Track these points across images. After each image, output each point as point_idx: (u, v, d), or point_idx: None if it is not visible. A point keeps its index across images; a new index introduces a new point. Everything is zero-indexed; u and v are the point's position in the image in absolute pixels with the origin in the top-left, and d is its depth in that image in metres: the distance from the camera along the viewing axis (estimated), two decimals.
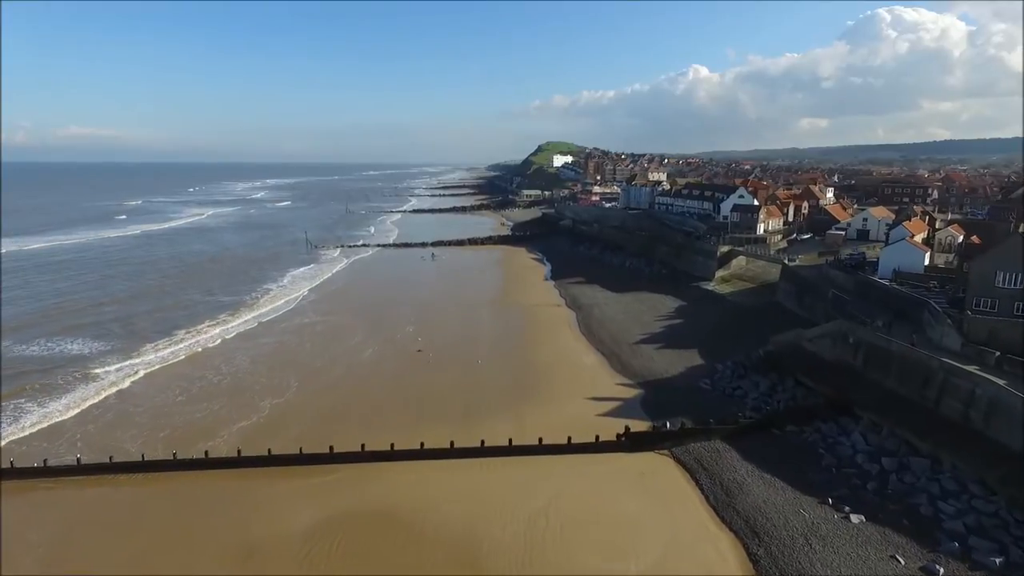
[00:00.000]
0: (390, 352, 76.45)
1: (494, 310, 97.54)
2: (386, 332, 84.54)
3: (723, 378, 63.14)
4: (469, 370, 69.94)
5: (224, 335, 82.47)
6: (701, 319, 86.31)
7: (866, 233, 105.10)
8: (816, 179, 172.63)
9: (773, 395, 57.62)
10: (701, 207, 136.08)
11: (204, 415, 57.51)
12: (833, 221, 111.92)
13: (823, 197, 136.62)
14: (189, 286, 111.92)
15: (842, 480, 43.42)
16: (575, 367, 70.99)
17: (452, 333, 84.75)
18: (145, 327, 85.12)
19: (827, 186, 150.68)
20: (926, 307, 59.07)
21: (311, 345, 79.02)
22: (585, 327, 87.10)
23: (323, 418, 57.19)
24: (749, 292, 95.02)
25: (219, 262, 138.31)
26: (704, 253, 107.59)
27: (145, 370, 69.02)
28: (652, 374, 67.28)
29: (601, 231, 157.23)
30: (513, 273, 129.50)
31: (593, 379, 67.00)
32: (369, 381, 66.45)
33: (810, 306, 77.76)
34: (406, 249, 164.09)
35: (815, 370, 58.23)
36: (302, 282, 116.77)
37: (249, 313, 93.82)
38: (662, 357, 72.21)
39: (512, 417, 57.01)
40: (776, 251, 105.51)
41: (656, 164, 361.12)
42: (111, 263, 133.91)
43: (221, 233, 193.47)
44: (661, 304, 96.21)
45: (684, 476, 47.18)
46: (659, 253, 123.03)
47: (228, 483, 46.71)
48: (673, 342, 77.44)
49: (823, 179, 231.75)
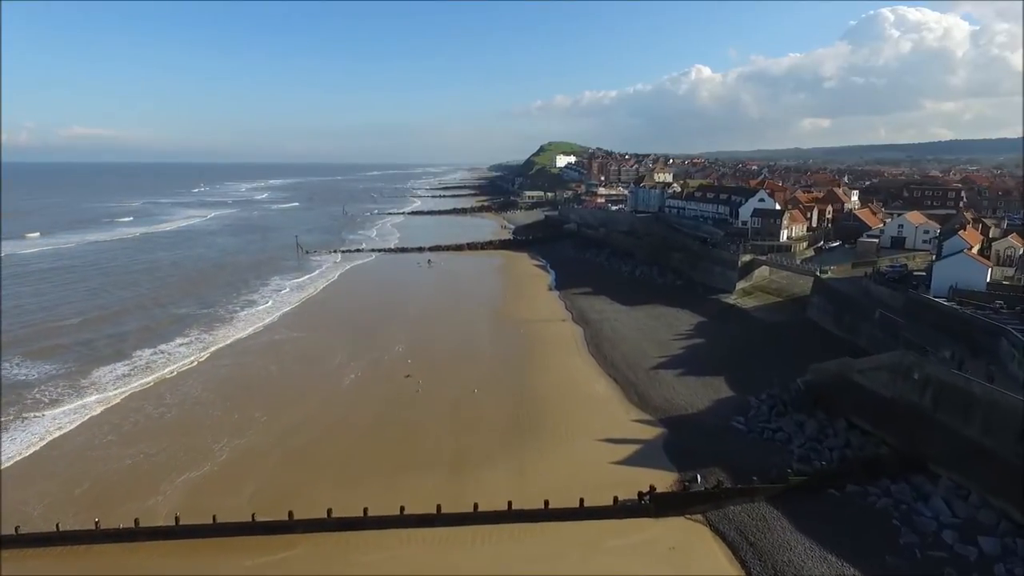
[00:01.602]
0: (374, 378, 67.50)
1: (493, 326, 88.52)
2: (372, 352, 75.62)
3: (759, 416, 54.02)
4: (463, 402, 60.93)
5: (189, 357, 73.53)
6: (724, 338, 77.16)
7: (901, 241, 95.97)
8: (838, 181, 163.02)
9: (822, 440, 48.48)
10: (716, 211, 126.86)
11: (144, 463, 48.49)
12: (863, 227, 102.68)
13: (848, 200, 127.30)
14: (164, 298, 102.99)
15: (931, 567, 34.28)
16: (585, 398, 61.93)
17: (446, 354, 75.78)
18: (103, 347, 76.13)
19: (851, 188, 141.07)
20: (1004, 335, 49.84)
21: (285, 369, 70.08)
22: (594, 347, 78.09)
23: (288, 465, 48.31)
24: (776, 307, 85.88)
25: (202, 269, 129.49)
26: (723, 262, 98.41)
27: (90, 401, 60.06)
28: (674, 408, 58.21)
29: (608, 236, 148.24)
30: (515, 282, 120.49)
31: (606, 414, 57.96)
32: (346, 417, 57.42)
33: (851, 326, 68.60)
34: (402, 255, 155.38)
35: (871, 410, 49.13)
36: (286, 293, 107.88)
37: (222, 329, 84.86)
38: (684, 386, 63.12)
39: (512, 466, 48.12)
40: (802, 260, 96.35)
41: (661, 164, 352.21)
42: (89, 270, 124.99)
43: (212, 237, 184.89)
44: (678, 320, 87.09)
45: (724, 552, 38.12)
46: (672, 261, 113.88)
47: (164, 560, 37.75)
48: (695, 367, 68.32)
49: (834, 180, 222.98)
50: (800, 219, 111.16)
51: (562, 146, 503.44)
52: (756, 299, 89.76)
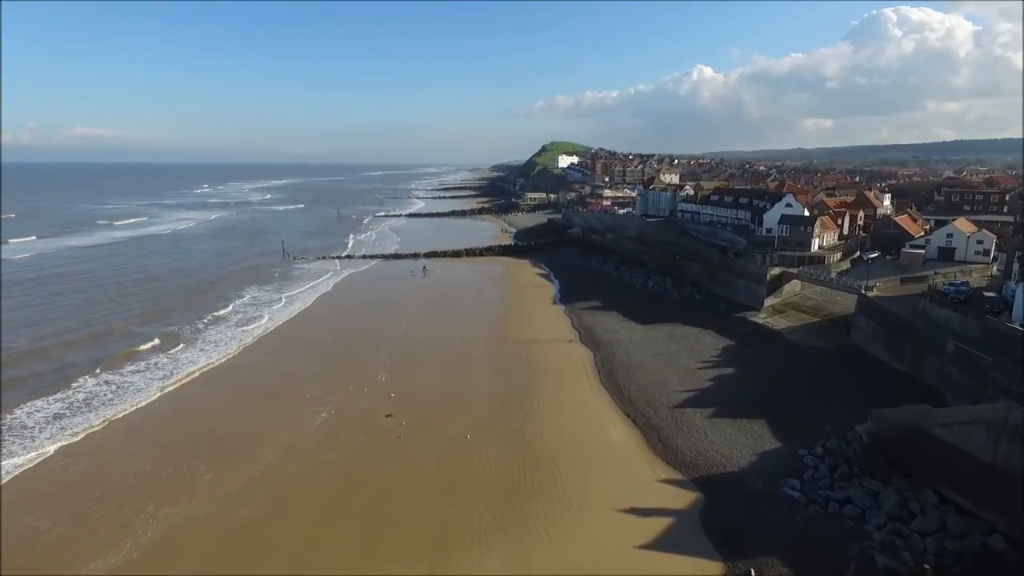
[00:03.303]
0: (350, 418, 57.20)
1: (491, 347, 78.16)
2: (351, 381, 65.41)
3: (818, 479, 43.60)
4: (452, 452, 50.62)
5: (132, 392, 63.29)
6: (757, 367, 66.76)
7: (950, 252, 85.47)
8: (868, 185, 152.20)
9: (908, 521, 38.02)
10: (736, 217, 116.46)
11: (39, 542, 38.19)
12: (905, 236, 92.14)
13: (880, 205, 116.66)
14: (127, 312, 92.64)
15: None
16: (599, 449, 51.53)
17: (436, 384, 65.53)
18: (38, 377, 65.97)
19: (882, 192, 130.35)
20: None
21: (245, 405, 59.73)
22: (607, 375, 67.85)
23: (228, 550, 38.01)
24: (813, 329, 75.43)
25: (178, 278, 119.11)
26: (749, 275, 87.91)
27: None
28: (709, 463, 47.87)
29: (616, 242, 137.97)
30: (515, 294, 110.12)
31: (626, 471, 47.61)
32: (310, 476, 47.05)
33: (913, 358, 58.21)
34: (395, 261, 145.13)
35: (968, 481, 38.74)
36: (262, 307, 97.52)
37: (182, 352, 74.60)
38: (718, 432, 52.74)
39: (511, 551, 37.84)
40: (838, 273, 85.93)
41: (667, 165, 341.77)
42: (54, 283, 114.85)
43: (199, 242, 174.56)
44: (700, 342, 76.71)
45: None
46: (689, 272, 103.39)
47: None
48: (728, 405, 57.91)
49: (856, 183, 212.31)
50: (831, 226, 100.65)
51: (564, 146, 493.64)
52: (789, 319, 79.28)
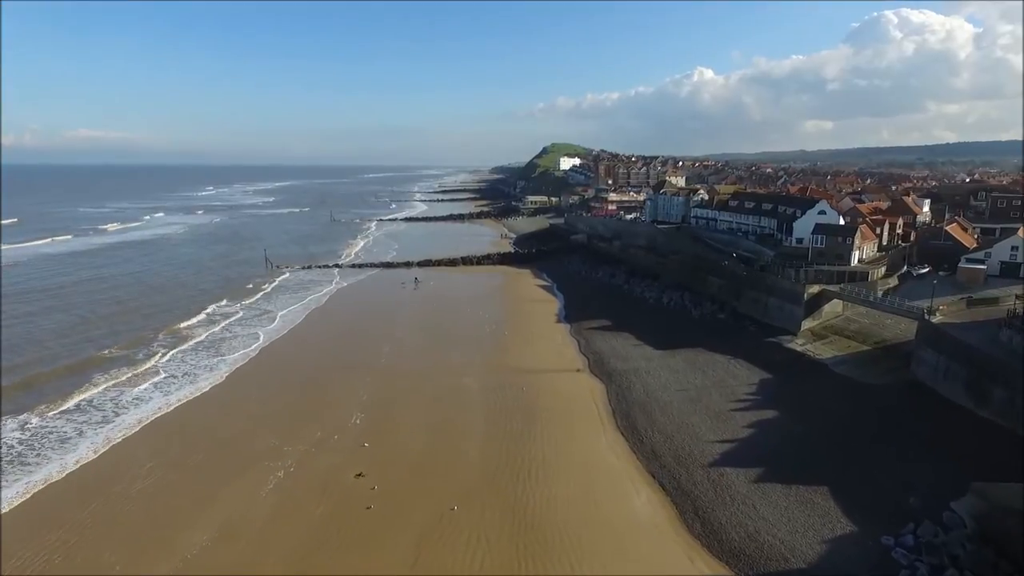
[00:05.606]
0: (310, 480, 46.24)
1: (486, 381, 67.05)
2: (317, 428, 54.57)
3: None
4: (435, 531, 39.67)
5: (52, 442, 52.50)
6: (806, 410, 55.68)
7: (1015, 268, 74.61)
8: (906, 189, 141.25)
9: None
10: (759, 224, 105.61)
11: None
12: (957, 248, 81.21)
13: (920, 211, 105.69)
14: (77, 332, 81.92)
15: None
16: (622, 526, 40.48)
17: (419, 432, 54.60)
18: None
19: (922, 197, 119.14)
20: None
21: (179, 467, 48.47)
22: (623, 417, 57.05)
23: None
24: (864, 359, 64.37)
25: (145, 290, 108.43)
26: (782, 293, 76.88)
27: None
28: (765, 553, 36.86)
29: (625, 251, 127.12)
30: (515, 310, 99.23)
31: (658, 561, 36.66)
32: (247, 571, 36.16)
33: (1005, 406, 47.21)
34: (386, 270, 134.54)
35: None
36: (233, 327, 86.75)
37: (127, 390, 63.81)
38: (769, 503, 41.77)
39: None
40: (884, 292, 75.07)
41: (672, 167, 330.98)
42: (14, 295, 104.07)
43: (180, 248, 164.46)
44: (731, 374, 65.76)
45: None
46: (710, 287, 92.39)
47: None
48: (777, 463, 46.88)
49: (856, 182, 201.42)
50: (870, 236, 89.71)
51: (565, 148, 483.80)
52: (833, 346, 68.24)
